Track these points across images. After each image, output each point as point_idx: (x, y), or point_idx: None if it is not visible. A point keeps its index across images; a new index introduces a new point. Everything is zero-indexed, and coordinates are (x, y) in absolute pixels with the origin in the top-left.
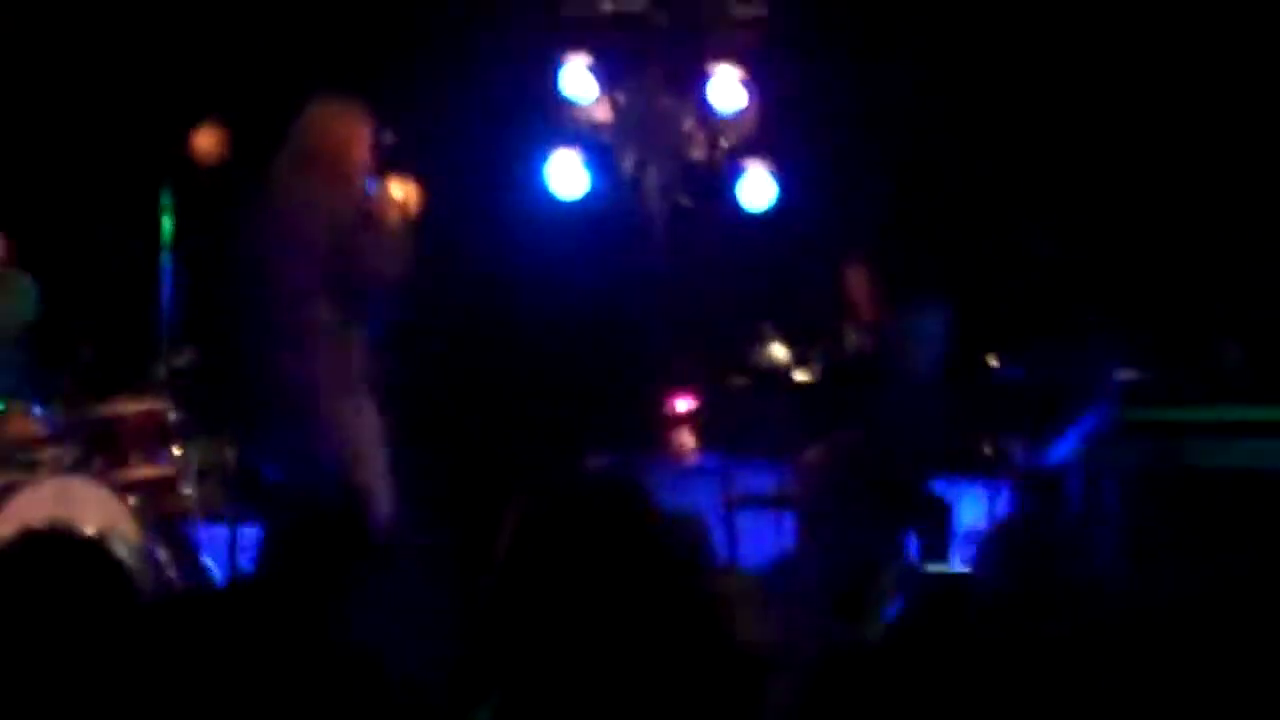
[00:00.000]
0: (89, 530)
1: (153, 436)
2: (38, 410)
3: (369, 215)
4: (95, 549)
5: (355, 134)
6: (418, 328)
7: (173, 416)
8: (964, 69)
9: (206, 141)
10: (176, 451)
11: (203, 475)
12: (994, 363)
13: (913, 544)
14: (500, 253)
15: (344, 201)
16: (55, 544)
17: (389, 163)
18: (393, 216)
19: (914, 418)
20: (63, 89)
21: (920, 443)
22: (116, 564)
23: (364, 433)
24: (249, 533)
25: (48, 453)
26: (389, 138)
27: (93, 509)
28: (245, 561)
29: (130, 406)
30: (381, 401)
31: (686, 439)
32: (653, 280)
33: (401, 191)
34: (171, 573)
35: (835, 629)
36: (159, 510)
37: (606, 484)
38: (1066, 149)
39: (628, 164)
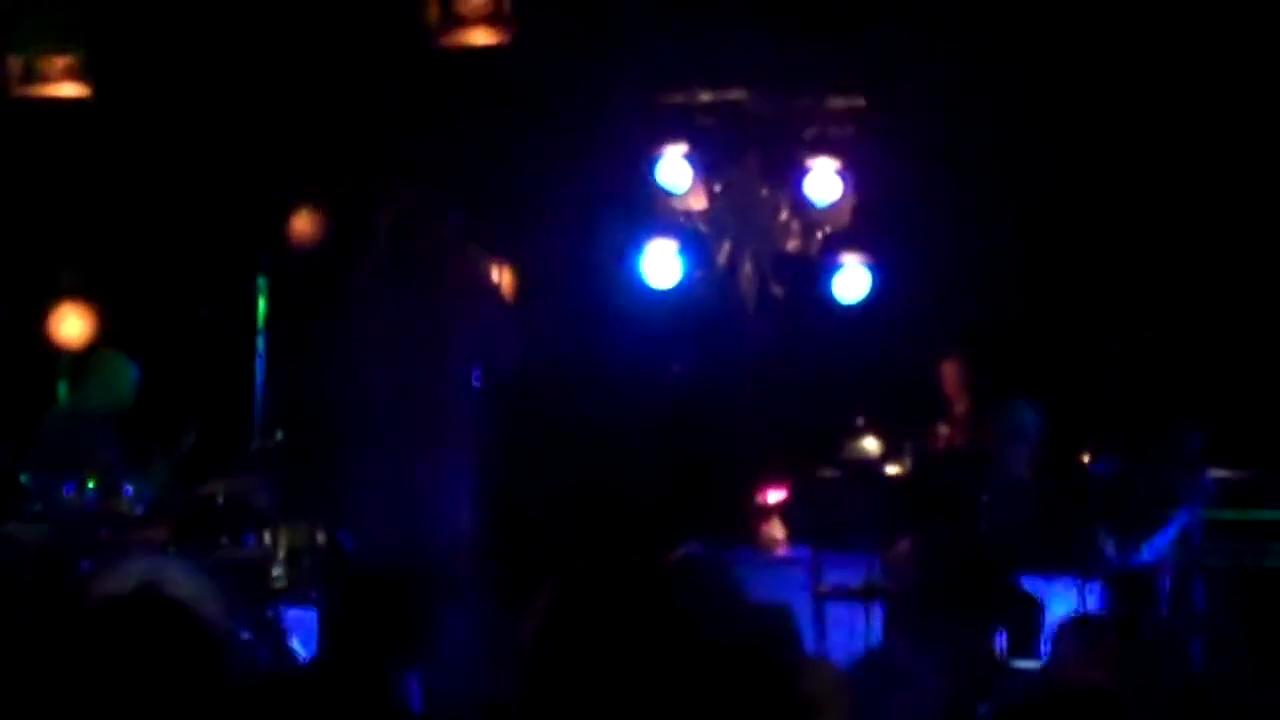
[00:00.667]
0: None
1: (243, 518)
2: (129, 490)
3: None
4: (186, 613)
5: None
6: (512, 416)
7: (263, 499)
8: (1060, 165)
9: (303, 226)
10: (266, 534)
11: (292, 557)
12: (1087, 459)
13: (1002, 639)
14: (594, 341)
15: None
16: (146, 605)
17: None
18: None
19: (1006, 513)
20: (164, 172)
21: (1011, 538)
22: (207, 628)
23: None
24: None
25: (138, 533)
26: (457, 219)
27: (181, 588)
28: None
29: (222, 488)
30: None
31: (776, 530)
32: (745, 370)
33: (498, 277)
34: (257, 654)
35: None
36: (247, 592)
37: (681, 569)
38: (1159, 248)
39: (722, 254)
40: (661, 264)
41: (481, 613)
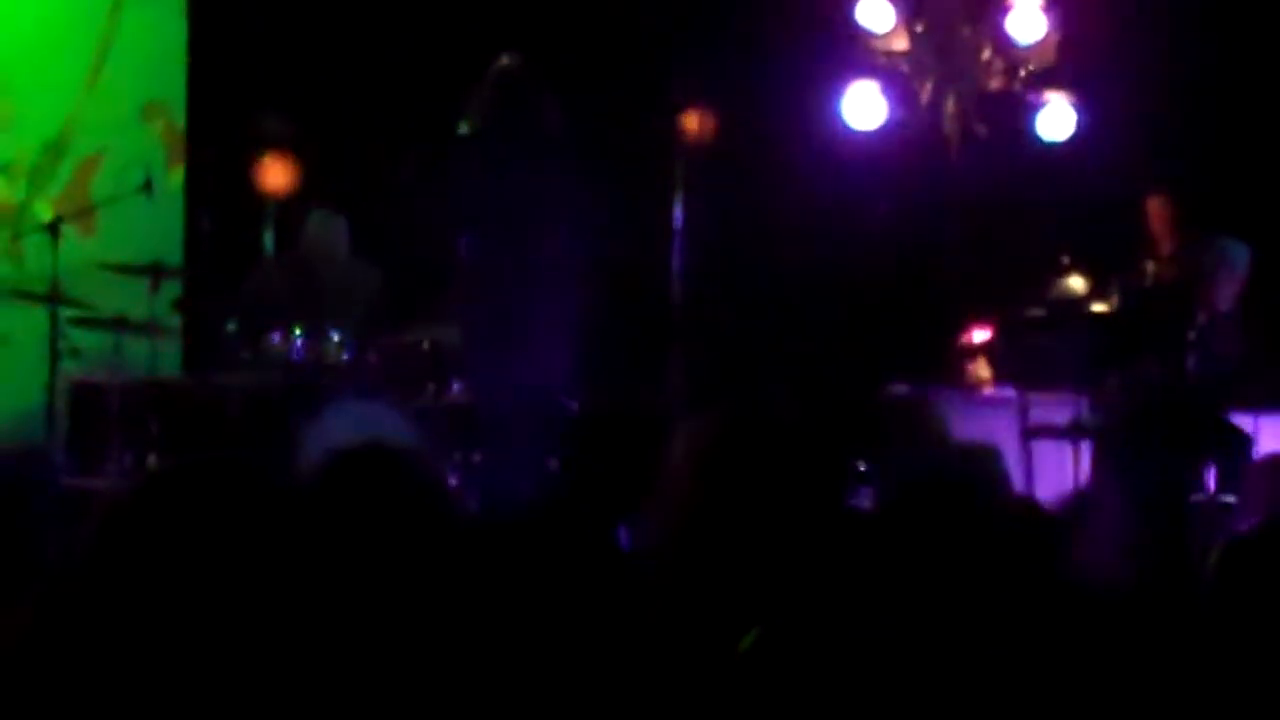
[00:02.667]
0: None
1: (447, 365)
2: (335, 337)
3: None
4: (413, 464)
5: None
6: (718, 261)
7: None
8: None
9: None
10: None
11: None
12: None
13: (1212, 475)
14: (797, 184)
15: None
16: (373, 460)
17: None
18: None
19: (1214, 349)
20: (372, 23)
21: (1220, 374)
22: (435, 478)
23: None
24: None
25: (345, 380)
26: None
27: (390, 434)
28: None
29: (426, 335)
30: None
31: (982, 369)
32: (950, 210)
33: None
34: (465, 500)
35: (1135, 562)
36: (452, 438)
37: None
38: None
39: (925, 94)
40: (864, 105)
41: None
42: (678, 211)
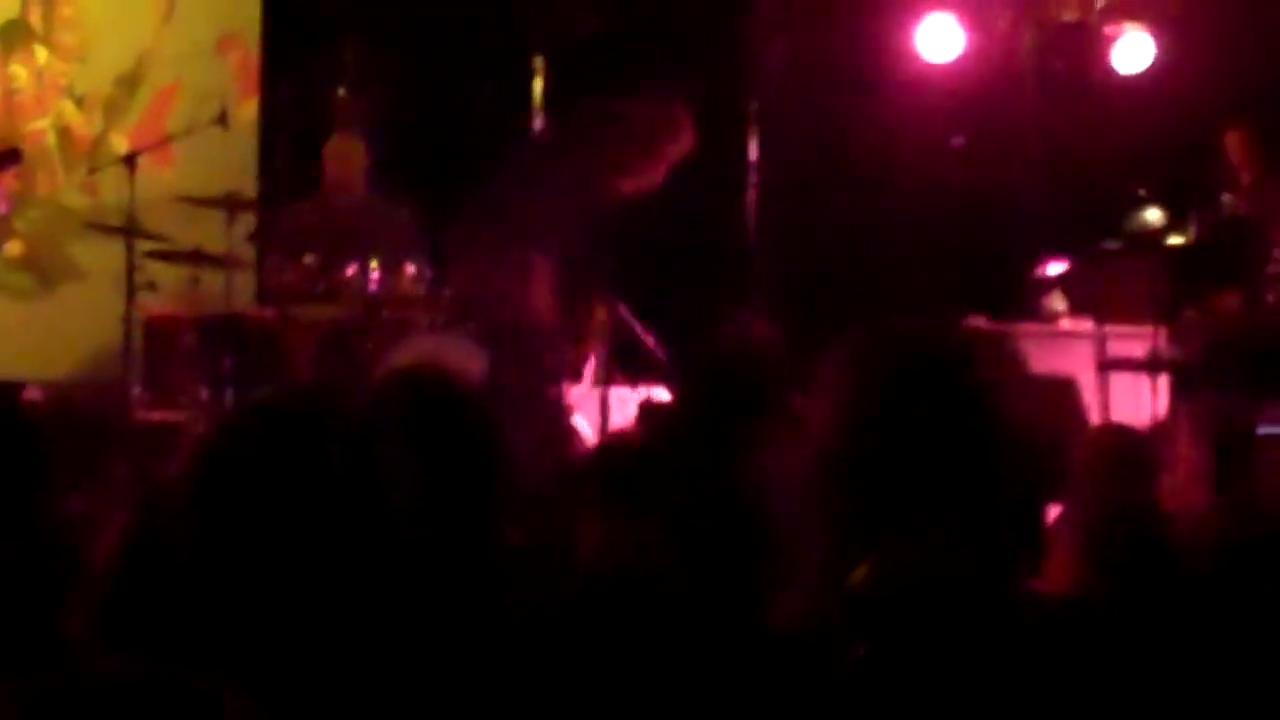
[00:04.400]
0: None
1: None
2: (411, 269)
3: None
4: (463, 388)
5: None
6: (795, 193)
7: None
8: None
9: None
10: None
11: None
12: None
13: None
14: (873, 115)
15: None
16: (427, 383)
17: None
18: None
19: None
20: None
21: None
22: (484, 412)
23: None
24: (623, 398)
25: (422, 312)
26: None
27: (459, 367)
28: (617, 422)
29: None
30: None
31: (1059, 302)
32: (1025, 142)
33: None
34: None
35: (1211, 491)
36: None
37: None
38: None
39: (1000, 26)
40: (939, 37)
41: None
42: (752, 146)
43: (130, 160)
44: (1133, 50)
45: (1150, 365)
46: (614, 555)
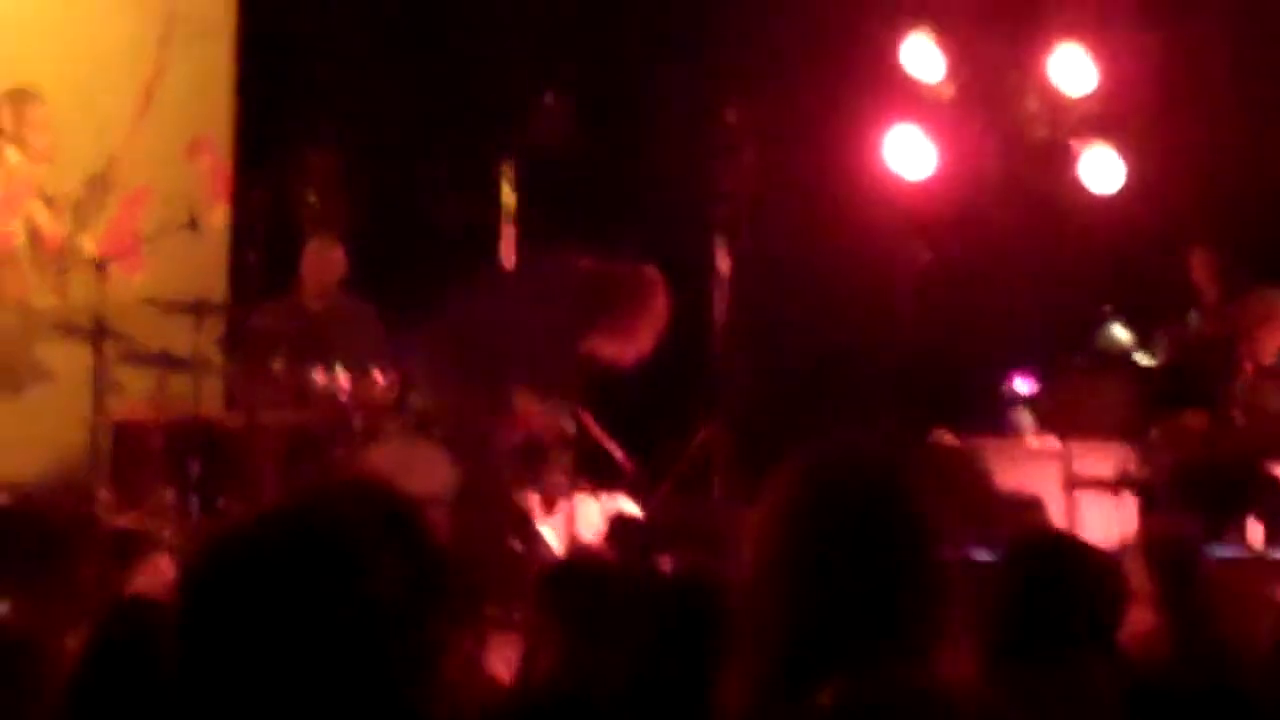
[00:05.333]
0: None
1: None
2: (379, 375)
3: None
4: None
5: None
6: (760, 302)
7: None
8: None
9: (549, 115)
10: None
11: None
12: None
13: (1257, 529)
14: (841, 228)
15: None
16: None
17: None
18: None
19: (1259, 402)
20: (407, 54)
21: (1266, 427)
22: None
23: None
24: (586, 507)
25: (390, 419)
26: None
27: (427, 474)
28: (582, 531)
29: None
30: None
31: (1026, 419)
32: (994, 258)
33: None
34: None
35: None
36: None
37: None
38: None
39: (969, 141)
40: (908, 151)
41: None
42: (720, 256)
43: (100, 264)
44: (1102, 168)
45: (1117, 484)
46: (569, 671)
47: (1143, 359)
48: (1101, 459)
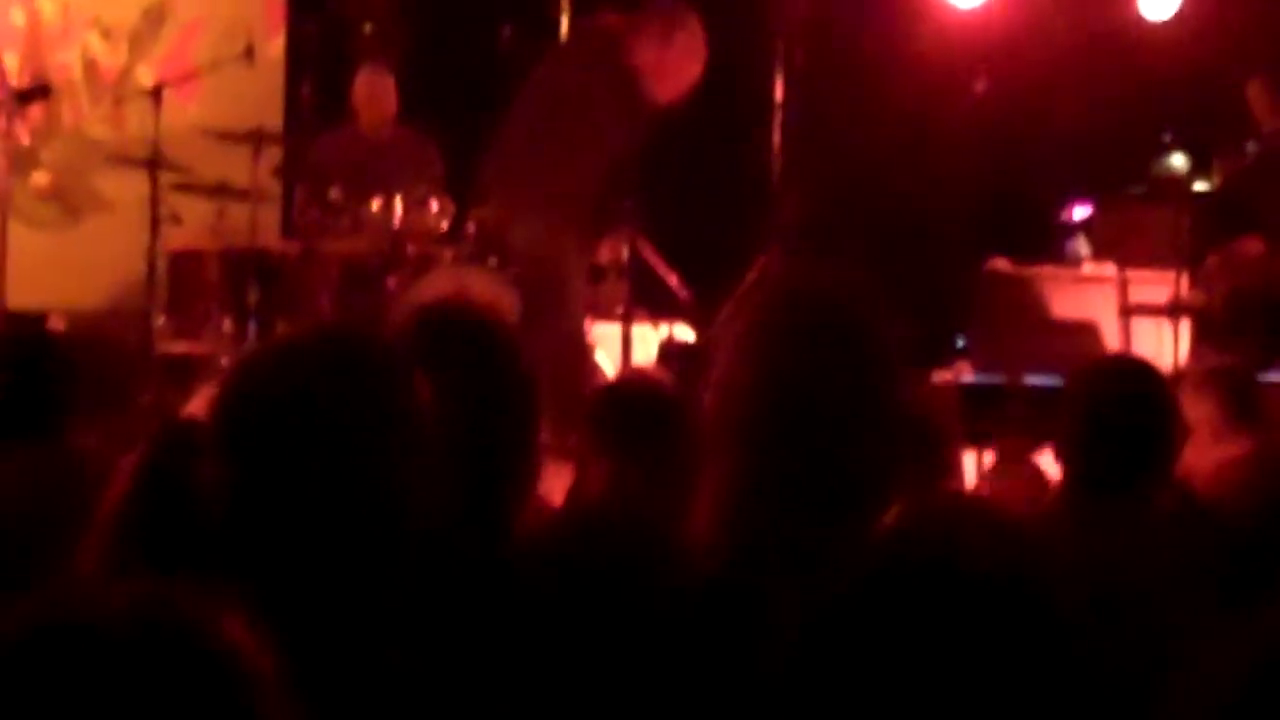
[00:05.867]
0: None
1: None
2: (435, 205)
3: None
4: (490, 318)
5: None
6: (818, 134)
7: None
8: None
9: None
10: None
11: (599, 273)
12: None
13: None
14: (896, 60)
15: None
16: (454, 311)
17: None
18: None
19: None
20: None
21: None
22: (509, 340)
23: None
24: (641, 331)
25: (444, 248)
26: None
27: (490, 298)
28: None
29: None
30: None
31: (1082, 246)
32: (1050, 88)
33: None
34: None
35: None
36: None
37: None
38: None
39: None
40: None
41: None
42: (777, 86)
43: (156, 93)
44: None
45: (1172, 311)
46: (618, 494)
47: (1200, 186)
48: (1157, 286)
